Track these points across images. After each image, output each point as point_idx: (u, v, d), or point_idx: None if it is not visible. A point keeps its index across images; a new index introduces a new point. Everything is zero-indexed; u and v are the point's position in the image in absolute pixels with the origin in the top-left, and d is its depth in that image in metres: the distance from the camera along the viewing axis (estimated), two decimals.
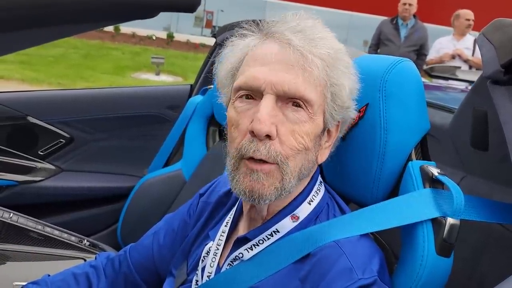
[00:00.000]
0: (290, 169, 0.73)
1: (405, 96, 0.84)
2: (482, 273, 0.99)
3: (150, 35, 14.89)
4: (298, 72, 0.72)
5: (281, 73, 0.72)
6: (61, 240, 1.36)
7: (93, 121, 2.04)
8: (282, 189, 0.74)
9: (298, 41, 0.73)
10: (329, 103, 0.76)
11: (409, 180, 0.81)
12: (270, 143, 0.72)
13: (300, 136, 0.73)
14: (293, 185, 0.75)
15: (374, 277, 0.70)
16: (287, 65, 0.73)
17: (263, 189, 0.72)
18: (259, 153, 0.71)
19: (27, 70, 7.73)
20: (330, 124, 0.78)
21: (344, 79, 0.77)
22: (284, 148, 0.73)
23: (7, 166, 1.87)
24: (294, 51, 0.73)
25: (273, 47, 0.75)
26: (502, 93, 0.78)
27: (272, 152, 0.71)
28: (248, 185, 0.73)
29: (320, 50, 0.74)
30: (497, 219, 0.82)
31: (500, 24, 0.84)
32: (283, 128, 0.73)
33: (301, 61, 0.73)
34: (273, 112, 0.72)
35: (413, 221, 0.75)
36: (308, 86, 0.73)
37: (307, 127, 0.74)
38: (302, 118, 0.73)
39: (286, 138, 0.73)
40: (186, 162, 1.88)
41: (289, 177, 0.73)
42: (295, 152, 0.74)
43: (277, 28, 0.76)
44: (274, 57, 0.73)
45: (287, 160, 0.73)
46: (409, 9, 5.06)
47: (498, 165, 0.97)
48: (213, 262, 0.86)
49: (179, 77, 9.40)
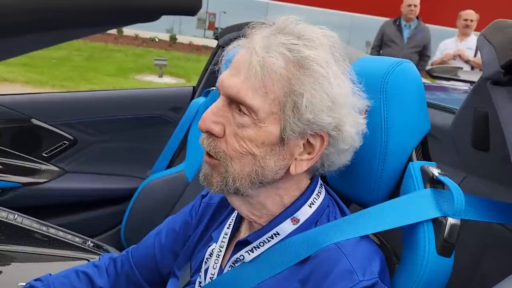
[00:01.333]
0: (234, 170, 0.75)
1: (406, 97, 0.84)
2: (483, 273, 1.00)
3: (153, 37, 14.93)
4: (245, 77, 0.73)
5: (232, 77, 0.75)
6: (65, 241, 1.37)
7: (96, 123, 2.05)
8: (224, 185, 0.77)
9: (261, 48, 0.73)
10: (288, 113, 0.73)
11: (410, 180, 0.81)
12: (216, 141, 0.76)
13: (242, 140, 0.74)
14: (245, 187, 0.76)
15: (375, 278, 0.70)
16: (238, 70, 0.74)
17: (211, 178, 0.78)
18: (206, 146, 0.77)
19: (31, 72, 7.77)
20: (288, 135, 0.74)
21: (312, 91, 0.72)
22: (228, 148, 0.75)
23: (12, 168, 1.88)
24: (253, 57, 0.73)
25: (241, 51, 0.77)
26: (502, 94, 0.79)
27: (215, 149, 0.76)
28: (203, 173, 0.80)
29: (283, 58, 0.72)
30: (497, 219, 0.82)
31: (500, 25, 0.84)
32: (229, 129, 0.76)
33: (252, 66, 0.72)
34: (221, 112, 0.76)
35: (414, 222, 0.76)
36: (250, 92, 0.72)
37: (249, 132, 0.74)
38: (245, 123, 0.74)
39: (230, 139, 0.75)
40: (189, 163, 1.88)
41: (231, 177, 0.76)
42: (239, 155, 0.75)
43: (256, 33, 0.77)
44: (236, 61, 0.76)
45: (229, 160, 0.75)
46: (414, 10, 5.06)
47: (499, 165, 0.97)
48: (215, 264, 0.86)
49: (182, 79, 9.43)
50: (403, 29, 5.10)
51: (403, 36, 5.09)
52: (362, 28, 15.79)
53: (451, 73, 2.81)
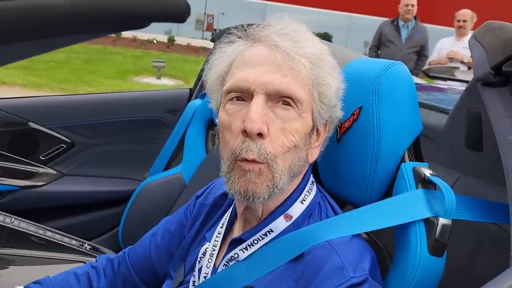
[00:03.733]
0: (280, 168, 0.75)
1: (398, 98, 0.85)
2: (477, 273, 1.00)
3: (151, 39, 14.93)
4: (286, 72, 0.75)
5: (270, 73, 0.75)
6: (62, 244, 1.37)
7: (93, 125, 2.06)
8: (274, 187, 0.76)
9: (284, 43, 0.76)
10: (317, 101, 0.79)
11: (402, 181, 0.82)
12: (261, 142, 0.74)
13: (290, 134, 0.76)
14: (285, 182, 0.77)
15: (365, 275, 0.71)
16: (275, 65, 0.75)
17: (256, 188, 0.75)
18: (251, 152, 0.73)
19: (30, 75, 7.76)
20: (318, 122, 0.81)
21: (329, 79, 0.80)
22: (274, 146, 0.75)
23: (9, 171, 1.89)
24: (281, 52, 0.75)
25: (260, 49, 0.78)
26: (493, 95, 0.79)
27: (262, 151, 0.74)
28: (242, 185, 0.75)
29: (305, 50, 0.78)
30: (490, 218, 0.83)
31: (490, 27, 0.85)
32: (273, 127, 0.75)
33: (288, 61, 0.75)
34: (264, 112, 0.75)
35: (405, 222, 0.76)
36: (296, 85, 0.76)
37: (297, 124, 0.76)
38: (292, 116, 0.76)
39: (277, 136, 0.75)
40: (186, 165, 1.89)
41: (279, 174, 0.75)
42: (285, 150, 0.76)
43: (263, 32, 0.79)
44: (262, 59, 0.76)
45: (276, 159, 0.75)
46: (411, 10, 5.06)
47: (493, 165, 0.98)
48: (209, 263, 0.87)
49: (180, 80, 9.42)
50: (401, 29, 5.11)
51: (401, 36, 5.10)
52: (360, 28, 15.81)
53: (448, 73, 2.82)
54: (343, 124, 0.91)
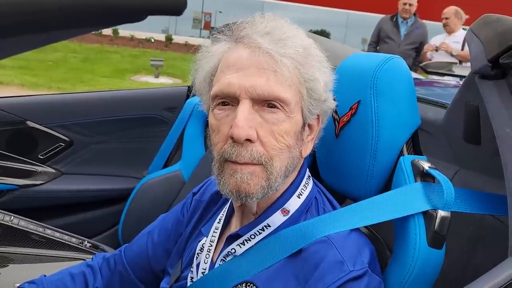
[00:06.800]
0: (276, 169, 0.76)
1: (396, 92, 0.85)
2: (476, 265, 1.00)
3: (148, 38, 14.89)
4: (270, 74, 0.74)
5: (254, 77, 0.74)
6: (62, 242, 1.37)
7: (92, 124, 2.06)
8: (269, 188, 0.76)
9: (267, 44, 0.75)
10: (306, 99, 0.78)
11: (400, 174, 0.82)
12: (252, 146, 0.74)
13: (280, 136, 0.75)
14: (280, 183, 0.78)
15: (365, 268, 0.72)
16: (258, 68, 0.75)
17: (249, 188, 0.75)
18: (242, 157, 0.74)
19: (27, 75, 7.74)
20: (309, 119, 0.80)
21: (317, 73, 0.79)
22: (267, 149, 0.75)
23: (8, 170, 1.89)
24: (264, 54, 0.75)
25: (243, 52, 0.76)
26: (490, 87, 0.80)
27: (255, 154, 0.74)
28: (234, 186, 0.75)
29: (289, 50, 0.76)
30: (488, 210, 0.83)
31: (488, 20, 0.85)
32: (262, 130, 0.75)
33: (271, 63, 0.74)
34: (251, 116, 0.74)
35: (404, 215, 0.77)
36: (281, 87, 0.75)
37: (285, 126, 0.76)
38: (280, 118, 0.75)
39: (267, 139, 0.75)
40: (185, 162, 1.89)
41: (274, 176, 0.76)
42: (279, 152, 0.76)
43: (246, 32, 0.78)
44: (245, 62, 0.75)
45: (272, 161, 0.75)
46: (409, 10, 5.04)
47: (491, 158, 0.98)
48: (207, 258, 0.87)
49: (178, 79, 9.41)
50: (400, 25, 5.09)
51: (400, 32, 5.08)
52: (358, 25, 15.80)
53: (446, 68, 2.82)
54: (341, 118, 0.91)
